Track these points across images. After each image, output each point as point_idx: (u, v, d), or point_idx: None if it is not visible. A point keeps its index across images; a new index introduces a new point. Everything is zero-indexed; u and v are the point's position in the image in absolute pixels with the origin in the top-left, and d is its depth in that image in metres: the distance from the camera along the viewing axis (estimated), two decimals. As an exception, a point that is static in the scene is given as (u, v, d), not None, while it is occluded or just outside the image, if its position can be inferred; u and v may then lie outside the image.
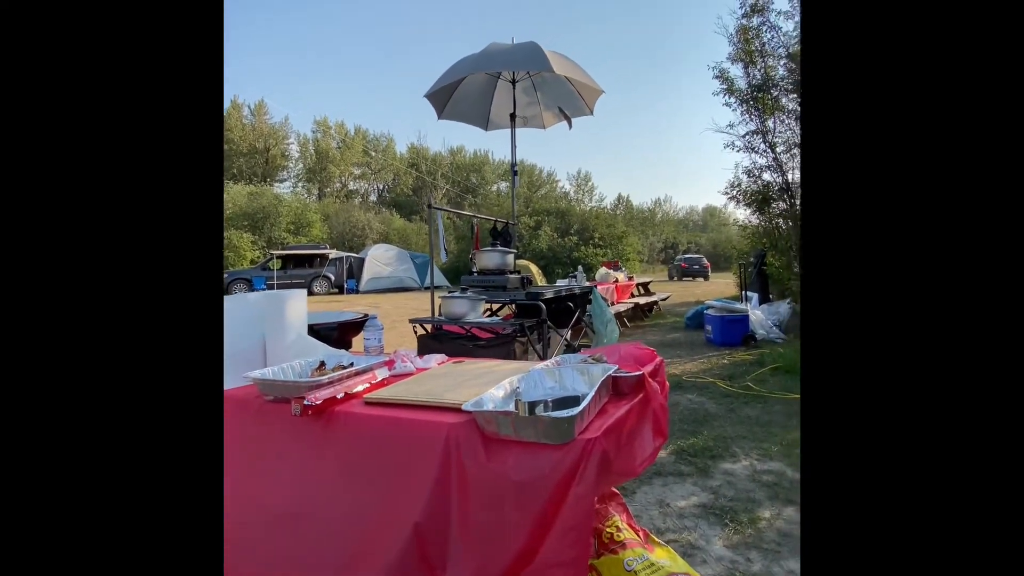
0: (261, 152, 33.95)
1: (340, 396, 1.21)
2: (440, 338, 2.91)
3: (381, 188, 40.03)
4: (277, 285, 14.95)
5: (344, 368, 1.40)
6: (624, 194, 50.21)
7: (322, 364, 1.45)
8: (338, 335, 1.94)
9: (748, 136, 6.63)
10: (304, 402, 1.14)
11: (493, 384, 1.20)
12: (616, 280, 7.22)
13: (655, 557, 1.31)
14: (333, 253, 17.42)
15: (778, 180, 6.51)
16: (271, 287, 14.56)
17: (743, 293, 6.64)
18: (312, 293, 15.62)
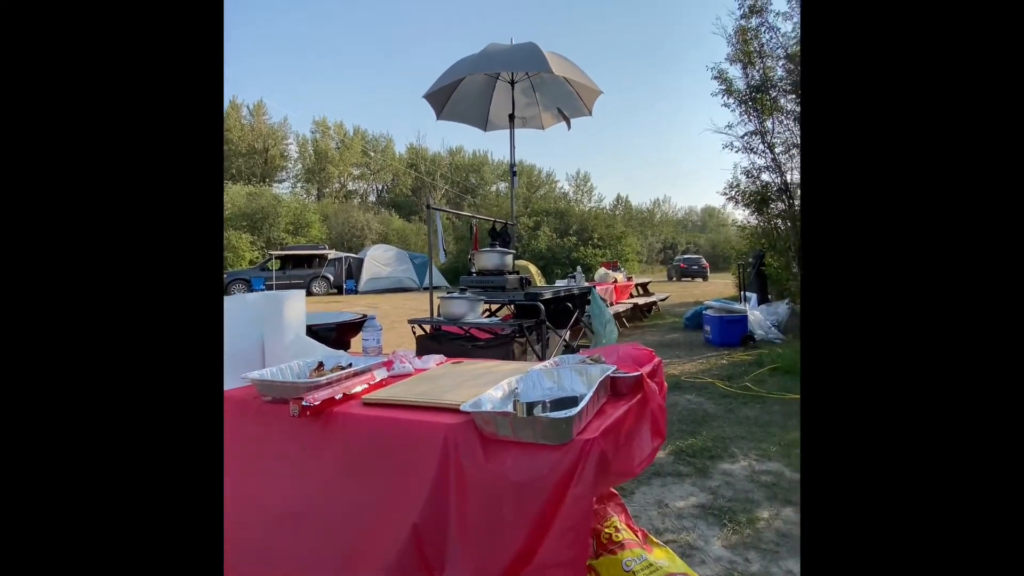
0: (260, 152, 33.93)
1: (338, 397, 1.21)
2: (439, 339, 2.91)
3: (380, 188, 40.03)
4: (276, 286, 14.94)
5: (343, 369, 1.40)
6: (623, 194, 50.49)
7: (320, 365, 1.45)
8: (337, 336, 1.94)
9: (747, 137, 6.64)
10: (302, 403, 1.14)
11: (492, 385, 1.20)
12: (615, 280, 7.22)
13: (653, 557, 1.31)
14: (332, 253, 17.41)
15: (777, 181, 6.52)
16: (270, 287, 14.55)
17: (742, 293, 6.65)
18: (311, 293, 15.62)
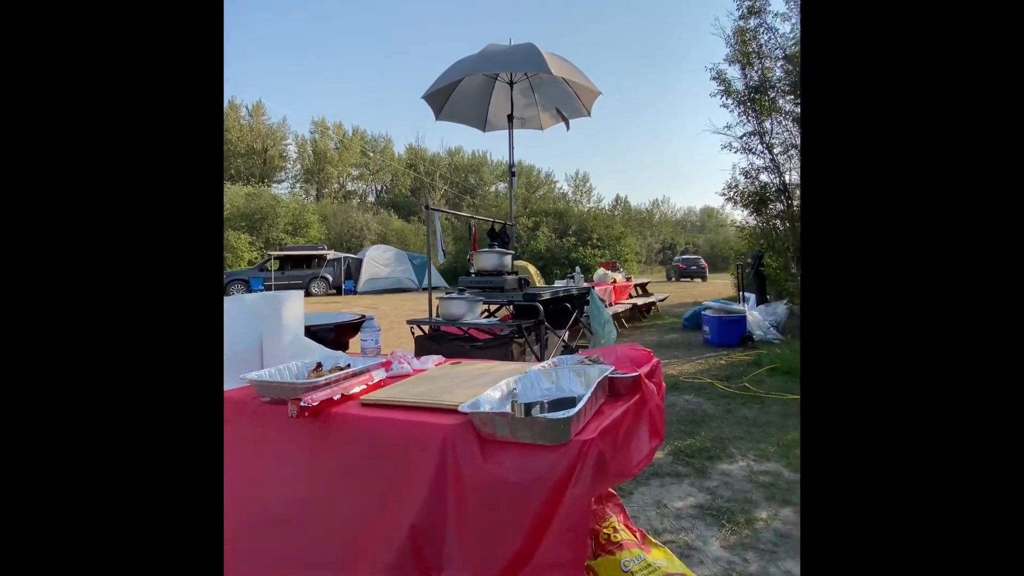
0: (259, 153, 33.93)
1: (337, 398, 1.21)
2: (438, 339, 2.91)
3: (379, 189, 40.03)
4: (275, 286, 14.93)
5: (341, 369, 1.40)
6: (622, 195, 50.53)
7: (319, 365, 1.45)
8: (335, 336, 1.94)
9: (745, 137, 6.65)
10: (300, 403, 1.14)
11: (490, 385, 1.20)
12: (614, 281, 7.23)
13: (652, 558, 1.31)
14: (331, 254, 17.40)
15: (775, 181, 6.53)
16: (269, 288, 14.54)
17: (740, 294, 6.66)
18: (310, 294, 15.61)
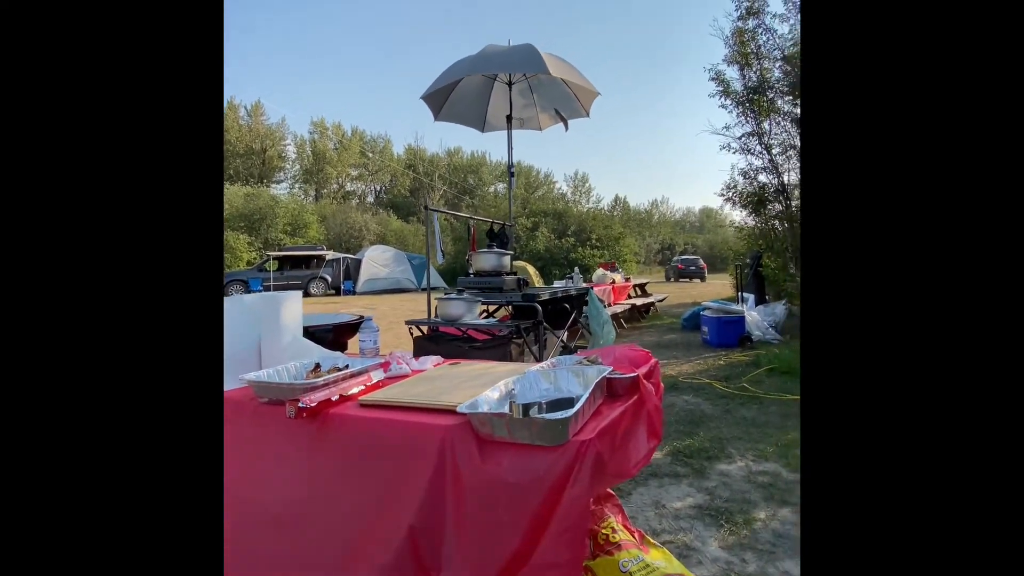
0: (258, 153, 33.92)
1: (335, 398, 1.21)
2: (436, 340, 2.91)
3: (378, 189, 40.03)
4: (274, 287, 14.93)
5: (339, 370, 1.40)
6: (621, 195, 50.50)
7: (317, 366, 1.45)
8: (333, 337, 1.94)
9: (744, 138, 6.66)
10: (299, 404, 1.14)
11: (488, 386, 1.20)
12: (613, 281, 7.22)
13: (650, 558, 1.31)
14: (330, 254, 17.39)
15: (774, 182, 6.54)
16: (267, 289, 14.53)
17: (739, 294, 6.66)
18: (309, 294, 15.60)
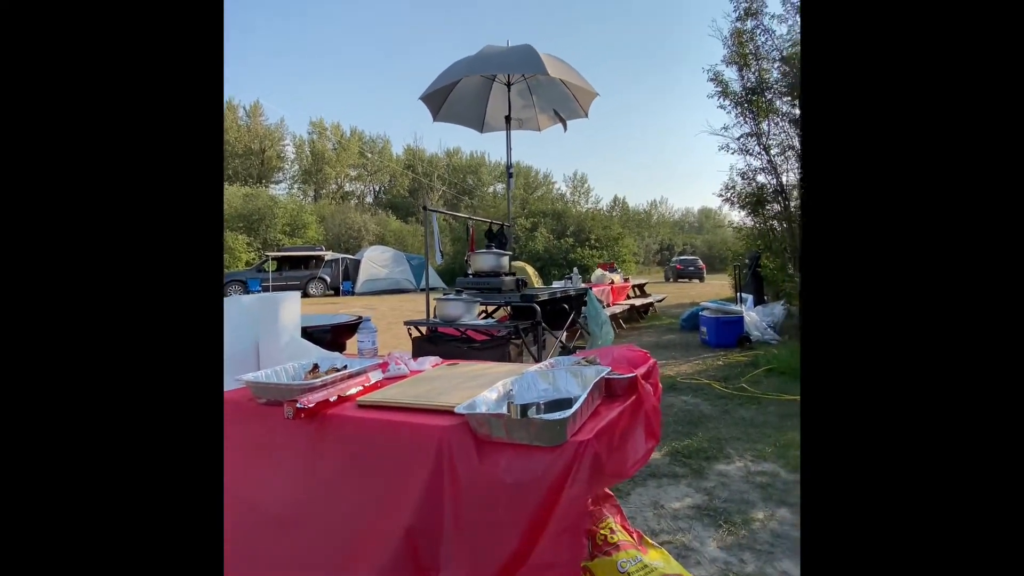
0: (256, 153, 33.89)
1: (333, 399, 1.21)
2: (435, 340, 2.91)
3: (377, 190, 40.00)
4: (272, 287, 14.91)
5: (338, 371, 1.40)
6: (620, 196, 50.43)
7: (316, 367, 1.45)
8: (332, 337, 1.94)
9: (743, 138, 6.65)
10: (297, 405, 1.14)
11: (487, 386, 1.20)
12: (612, 282, 7.23)
13: (649, 559, 1.32)
14: (329, 255, 17.38)
15: (772, 182, 6.54)
16: (266, 289, 14.52)
17: (738, 295, 6.67)
18: (307, 295, 15.59)
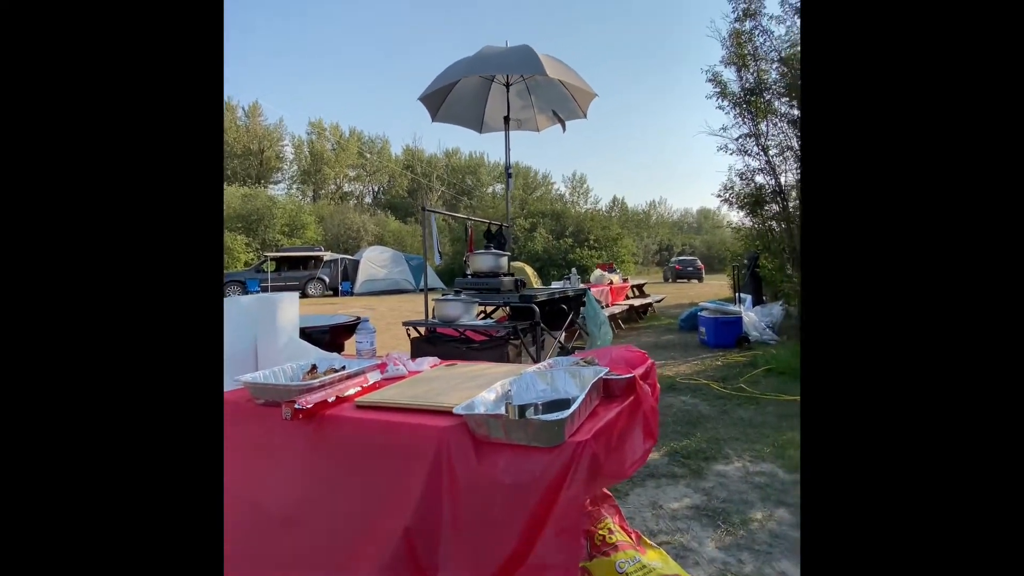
0: (255, 154, 33.87)
1: (331, 400, 1.21)
2: (434, 340, 2.91)
3: (376, 190, 40.01)
4: (271, 287, 14.90)
5: (336, 371, 1.40)
6: (619, 196, 50.44)
7: (314, 367, 1.45)
8: (330, 338, 1.94)
9: (741, 139, 6.65)
10: (295, 406, 1.14)
11: (485, 387, 1.20)
12: (611, 282, 7.23)
13: (647, 559, 1.32)
14: (328, 255, 17.38)
15: (771, 183, 6.53)
16: (265, 290, 14.51)
17: (737, 295, 6.67)
18: (306, 295, 15.58)
